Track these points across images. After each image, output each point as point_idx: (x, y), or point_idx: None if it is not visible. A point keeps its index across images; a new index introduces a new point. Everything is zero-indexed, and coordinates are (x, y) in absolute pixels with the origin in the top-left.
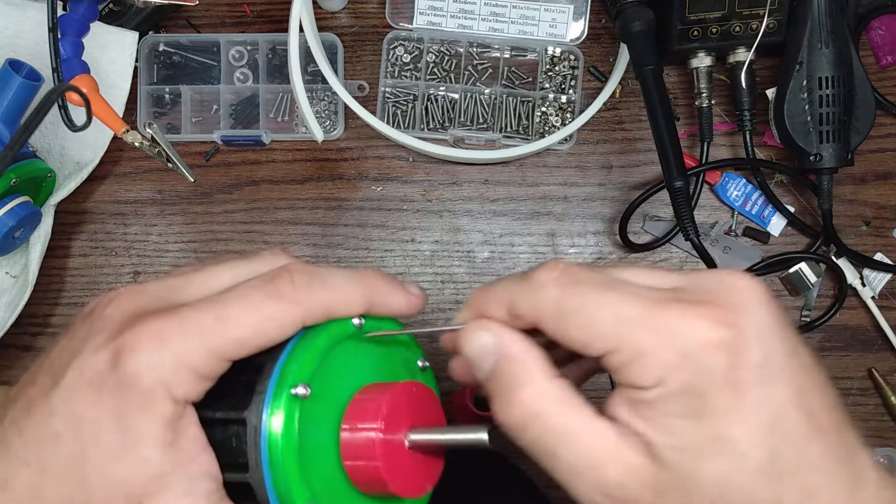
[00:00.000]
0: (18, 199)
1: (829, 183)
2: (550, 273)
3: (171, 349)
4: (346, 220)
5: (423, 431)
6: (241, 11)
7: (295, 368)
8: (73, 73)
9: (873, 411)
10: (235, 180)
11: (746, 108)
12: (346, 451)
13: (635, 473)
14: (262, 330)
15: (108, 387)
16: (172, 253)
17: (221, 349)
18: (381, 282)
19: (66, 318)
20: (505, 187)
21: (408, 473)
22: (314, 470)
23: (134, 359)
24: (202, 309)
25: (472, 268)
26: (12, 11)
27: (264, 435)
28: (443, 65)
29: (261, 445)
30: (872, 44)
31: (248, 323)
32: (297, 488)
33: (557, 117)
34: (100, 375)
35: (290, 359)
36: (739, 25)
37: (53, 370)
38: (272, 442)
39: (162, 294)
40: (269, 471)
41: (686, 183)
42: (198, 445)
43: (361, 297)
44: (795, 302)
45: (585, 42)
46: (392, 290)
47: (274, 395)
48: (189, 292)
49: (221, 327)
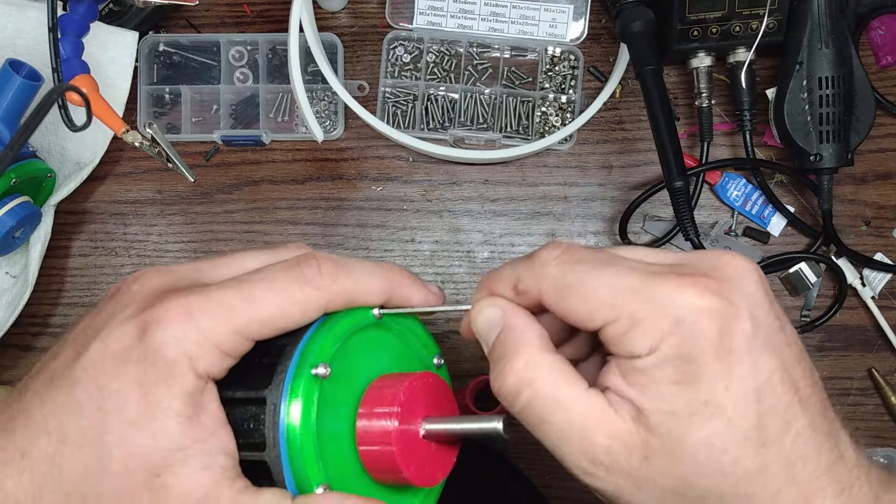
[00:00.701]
0: (18, 199)
1: (829, 183)
2: (553, 252)
3: (198, 324)
4: (346, 220)
5: (438, 421)
6: (241, 11)
7: (316, 349)
8: (73, 73)
9: (873, 411)
10: (235, 180)
11: (746, 108)
12: (361, 436)
13: (624, 439)
14: (286, 312)
15: (133, 358)
16: (172, 253)
17: (246, 328)
18: (402, 276)
19: (66, 318)
20: (505, 187)
21: (421, 461)
22: (329, 453)
23: (160, 332)
24: (230, 288)
25: (472, 268)
26: (12, 11)
27: (283, 413)
28: (443, 65)
29: (279, 423)
30: (872, 44)
31: (273, 304)
32: (313, 468)
33: (557, 117)
34: (125, 348)
35: (312, 340)
36: (739, 25)
37: (78, 343)
38: (290, 420)
39: (188, 274)
40: (287, 449)
41: (686, 183)
42: (216, 422)
43: (382, 289)
44: (795, 302)
45: (585, 42)
46: (412, 285)
47: (294, 374)
48: (215, 274)
49: (247, 307)
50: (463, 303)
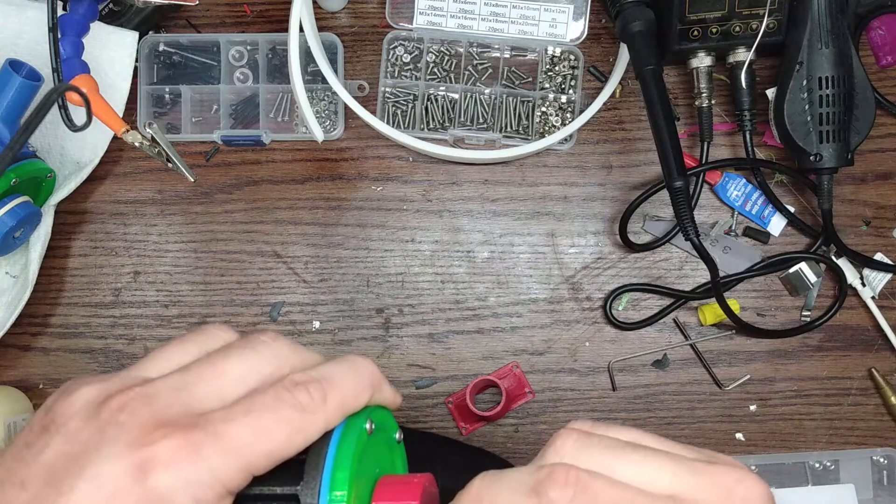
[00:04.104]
0: (18, 199)
1: (829, 183)
2: (563, 491)
3: (208, 464)
4: (346, 220)
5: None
6: (241, 11)
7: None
8: (73, 73)
9: (873, 411)
10: (235, 180)
11: (746, 108)
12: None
13: None
14: (293, 442)
15: (133, 503)
16: (172, 253)
17: (255, 464)
18: (371, 367)
19: (65, 317)
20: (505, 187)
21: None
22: None
23: (167, 475)
24: (236, 422)
25: (472, 268)
26: (12, 11)
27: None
28: (443, 65)
29: None
30: (872, 44)
31: (281, 436)
32: None
33: (557, 117)
34: (121, 490)
35: (334, 478)
36: (739, 25)
37: (54, 477)
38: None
39: (177, 398)
40: None
41: (686, 183)
42: None
43: (365, 390)
44: (795, 302)
45: (585, 42)
46: (379, 376)
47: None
48: (204, 394)
49: (257, 441)
50: (462, 302)
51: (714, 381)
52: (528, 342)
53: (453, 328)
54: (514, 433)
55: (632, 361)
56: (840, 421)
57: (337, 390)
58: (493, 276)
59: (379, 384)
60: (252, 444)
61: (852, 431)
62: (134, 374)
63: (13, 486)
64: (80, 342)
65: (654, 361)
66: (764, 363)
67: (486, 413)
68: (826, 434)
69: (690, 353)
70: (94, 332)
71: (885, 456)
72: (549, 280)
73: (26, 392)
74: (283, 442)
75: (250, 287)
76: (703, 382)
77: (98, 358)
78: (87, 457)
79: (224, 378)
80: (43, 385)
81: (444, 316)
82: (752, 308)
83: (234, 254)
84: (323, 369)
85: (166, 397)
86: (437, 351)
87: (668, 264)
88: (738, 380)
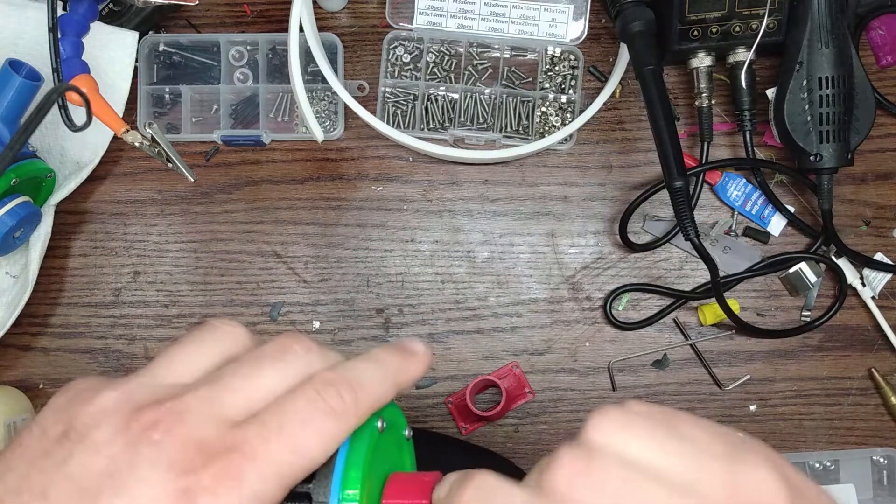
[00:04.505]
0: (18, 199)
1: (829, 183)
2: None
3: (252, 490)
4: (346, 220)
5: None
6: (241, 11)
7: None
8: (73, 73)
9: (873, 411)
10: (235, 180)
11: (746, 108)
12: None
13: None
14: (328, 451)
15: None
16: (172, 253)
17: (294, 479)
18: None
19: (65, 317)
20: (505, 187)
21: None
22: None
23: (214, 502)
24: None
25: (472, 268)
26: (12, 11)
27: None
28: (443, 65)
29: None
30: (872, 44)
31: (318, 449)
32: None
33: (557, 117)
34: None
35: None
36: (739, 25)
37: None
38: None
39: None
40: None
41: (686, 183)
42: None
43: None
44: (795, 302)
45: (585, 42)
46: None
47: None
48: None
49: (295, 458)
50: (462, 302)
51: (714, 381)
52: (528, 342)
53: (453, 328)
54: (514, 433)
55: (632, 361)
56: (840, 421)
57: (366, 392)
58: (493, 276)
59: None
60: (291, 463)
61: (852, 431)
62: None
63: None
64: (80, 342)
65: (654, 361)
66: (764, 363)
67: (486, 413)
68: (826, 434)
69: (690, 353)
70: (94, 332)
71: (885, 456)
72: (549, 280)
73: (26, 392)
74: (319, 454)
75: (250, 287)
76: (703, 382)
77: (98, 358)
78: (121, 476)
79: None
80: (43, 385)
81: (444, 316)
82: (752, 308)
83: (234, 254)
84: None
85: (198, 413)
86: (437, 351)
87: (668, 264)
88: (738, 380)
